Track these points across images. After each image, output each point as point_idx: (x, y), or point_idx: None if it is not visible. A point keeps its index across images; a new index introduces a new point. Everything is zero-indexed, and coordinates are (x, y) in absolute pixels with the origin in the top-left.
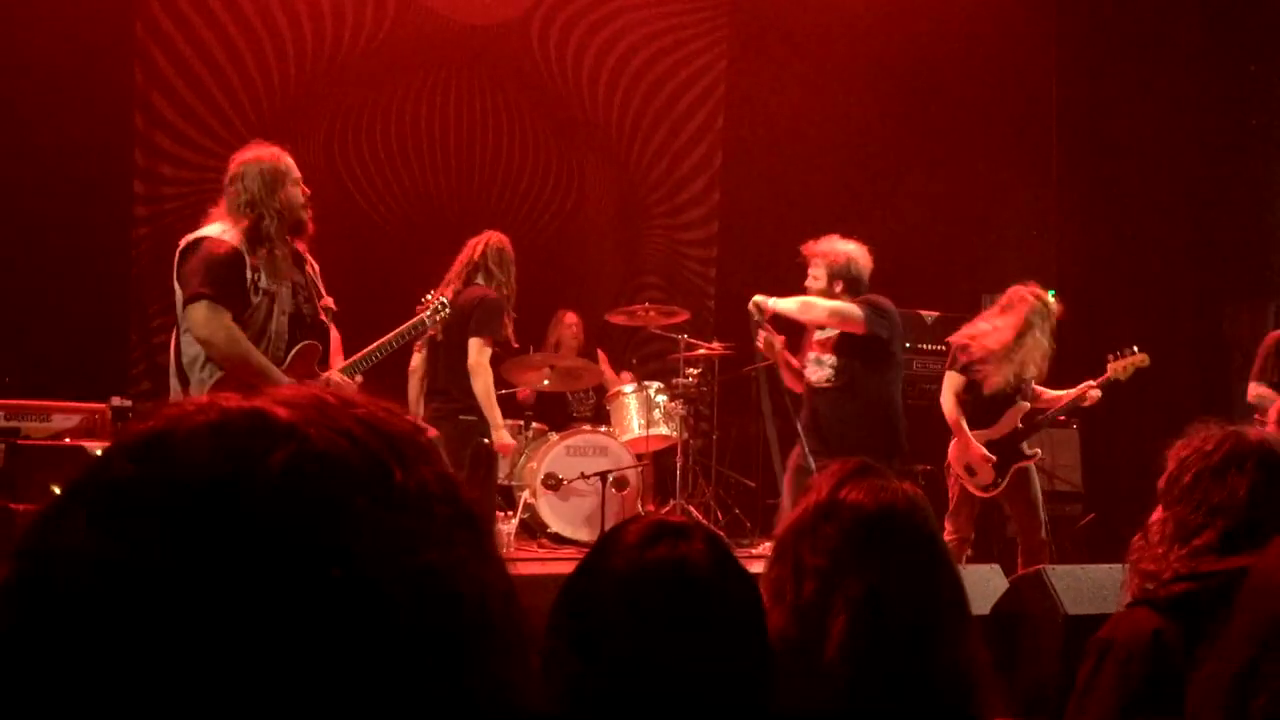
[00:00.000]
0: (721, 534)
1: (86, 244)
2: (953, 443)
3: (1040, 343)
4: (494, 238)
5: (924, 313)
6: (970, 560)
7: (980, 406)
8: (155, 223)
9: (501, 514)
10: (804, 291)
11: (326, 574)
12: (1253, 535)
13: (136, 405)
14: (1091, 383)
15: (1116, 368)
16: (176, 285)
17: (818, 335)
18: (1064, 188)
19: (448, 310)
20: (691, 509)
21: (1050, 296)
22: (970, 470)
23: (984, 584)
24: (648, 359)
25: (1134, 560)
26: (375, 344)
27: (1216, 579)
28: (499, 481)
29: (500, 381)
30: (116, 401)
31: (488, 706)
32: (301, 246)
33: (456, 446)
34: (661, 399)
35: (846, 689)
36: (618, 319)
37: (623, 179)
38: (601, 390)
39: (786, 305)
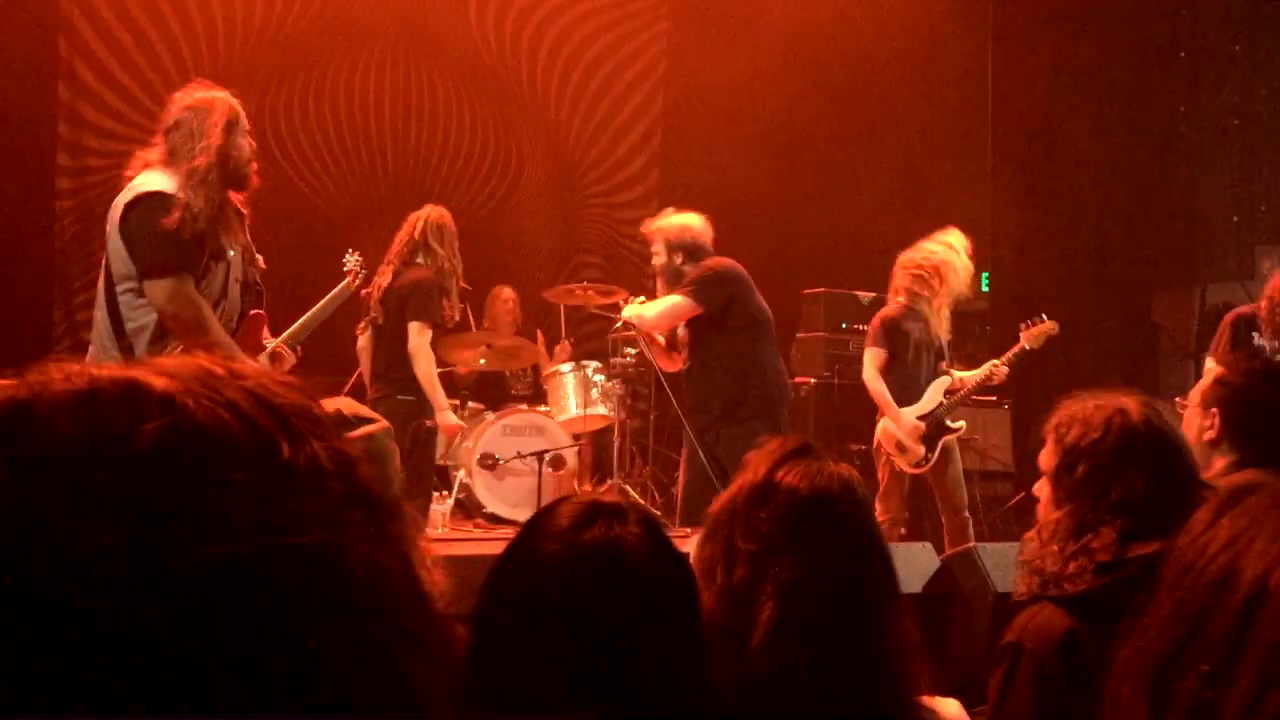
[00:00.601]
0: (657, 514)
1: (7, 218)
2: (881, 423)
3: (954, 285)
4: (433, 213)
5: (860, 294)
6: (902, 539)
7: (904, 383)
8: (80, 195)
9: (437, 494)
10: (653, 271)
11: (201, 553)
12: (1153, 521)
13: None
14: (996, 361)
15: (1028, 336)
16: (120, 245)
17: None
18: (998, 175)
19: (362, 270)
20: (629, 489)
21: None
22: (901, 448)
23: (915, 562)
24: (586, 339)
25: (1029, 560)
26: (308, 314)
27: (1127, 569)
28: (436, 461)
29: (437, 360)
30: None
31: (375, 696)
32: (240, 203)
33: (396, 428)
34: (599, 379)
35: (771, 674)
36: (556, 297)
37: (561, 157)
38: (539, 369)
39: (629, 314)
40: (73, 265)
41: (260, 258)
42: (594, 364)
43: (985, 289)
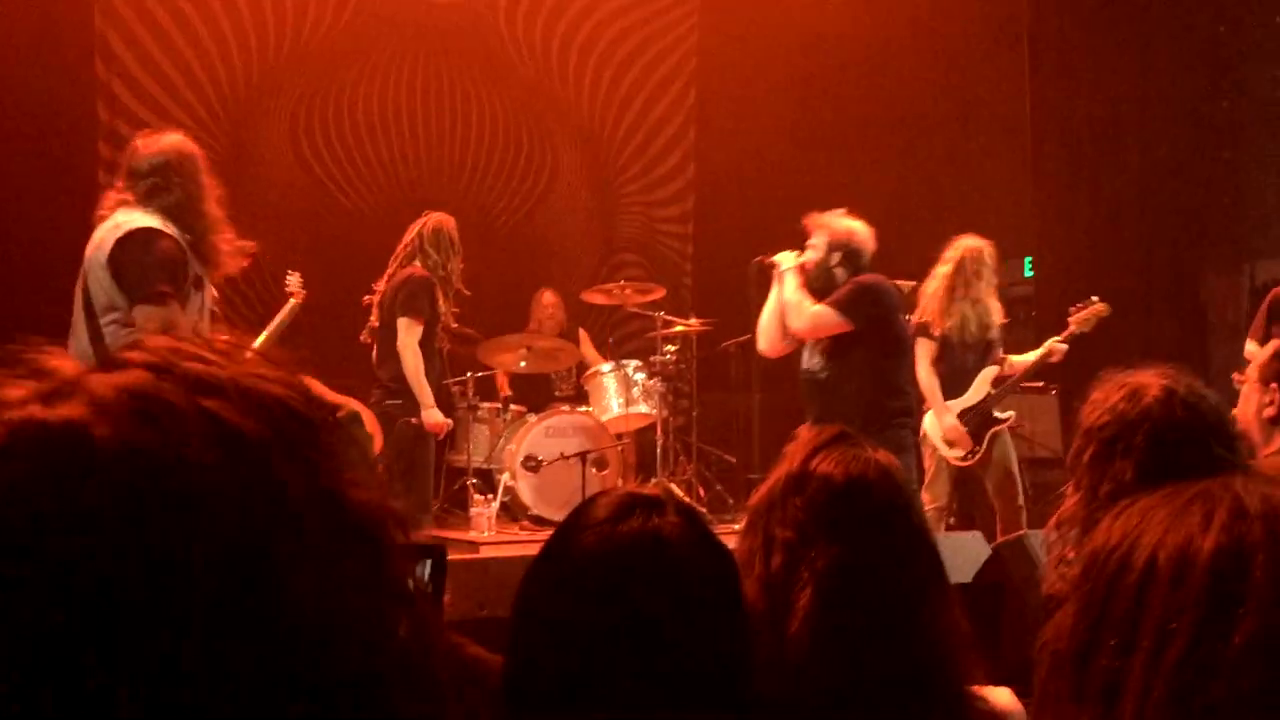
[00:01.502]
0: (704, 510)
1: (50, 236)
2: (928, 413)
3: (983, 285)
4: (433, 219)
5: (900, 283)
6: (951, 529)
7: (953, 375)
8: None
9: (481, 497)
10: (802, 257)
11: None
12: None
13: None
14: (1055, 339)
15: (1078, 319)
16: (105, 277)
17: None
18: (1039, 156)
19: (302, 289)
20: (673, 486)
21: (985, 245)
22: (947, 441)
23: (965, 552)
24: (626, 338)
25: (1055, 556)
26: (261, 337)
27: None
28: (478, 465)
29: (477, 364)
30: None
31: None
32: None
33: (387, 431)
34: (640, 377)
35: (810, 662)
36: (594, 298)
37: (596, 156)
38: (582, 370)
39: (786, 290)
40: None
41: (214, 291)
42: (634, 362)
43: (1029, 274)
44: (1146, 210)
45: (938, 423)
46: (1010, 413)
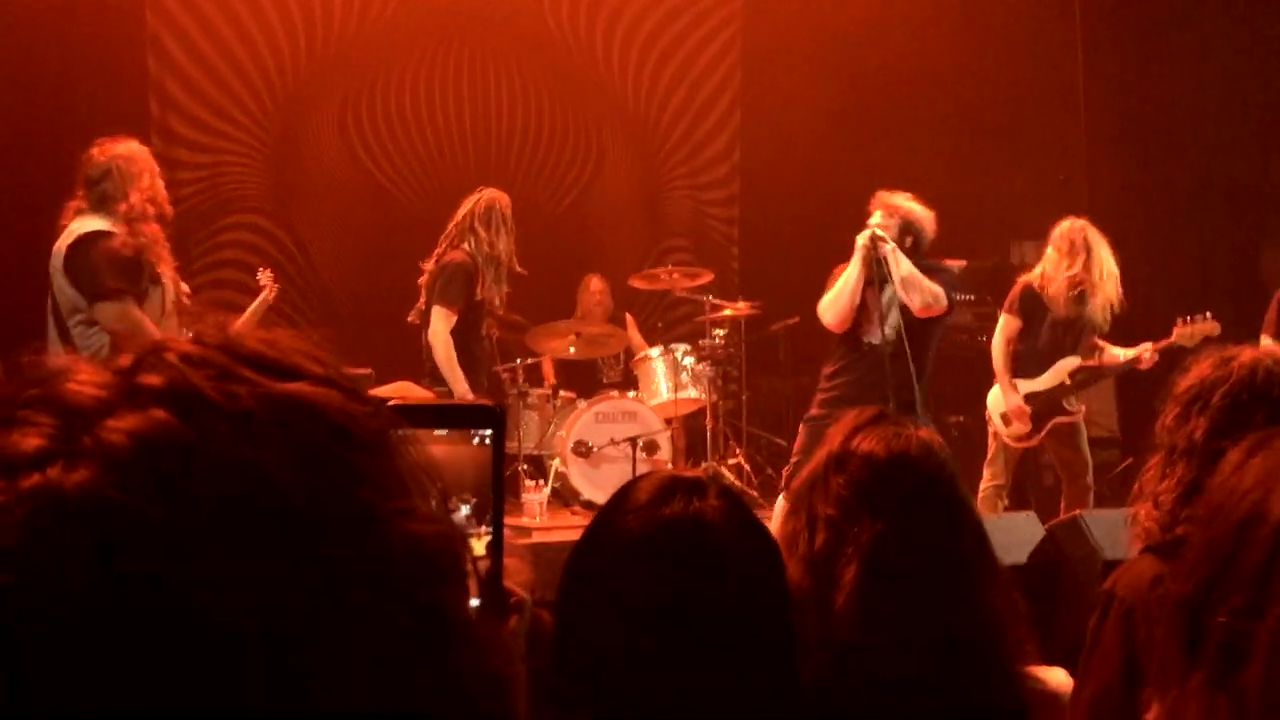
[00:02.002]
0: (755, 494)
1: None
2: (993, 389)
3: (1078, 267)
4: (485, 196)
5: (951, 263)
6: (1007, 509)
7: (1030, 356)
8: (174, 207)
9: (533, 483)
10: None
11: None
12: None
13: None
14: (1150, 345)
15: (1184, 333)
16: (65, 283)
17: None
18: (1093, 131)
19: (275, 284)
20: (724, 470)
21: (1081, 226)
22: (1005, 419)
23: (1019, 532)
24: (674, 322)
25: (1134, 511)
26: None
27: None
28: (529, 451)
29: (526, 351)
30: None
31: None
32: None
33: None
34: (689, 361)
35: (857, 637)
36: (642, 283)
37: (642, 141)
38: (630, 355)
39: (905, 266)
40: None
41: (185, 286)
42: (683, 346)
43: None
44: (1204, 188)
45: (1001, 399)
46: (1080, 407)
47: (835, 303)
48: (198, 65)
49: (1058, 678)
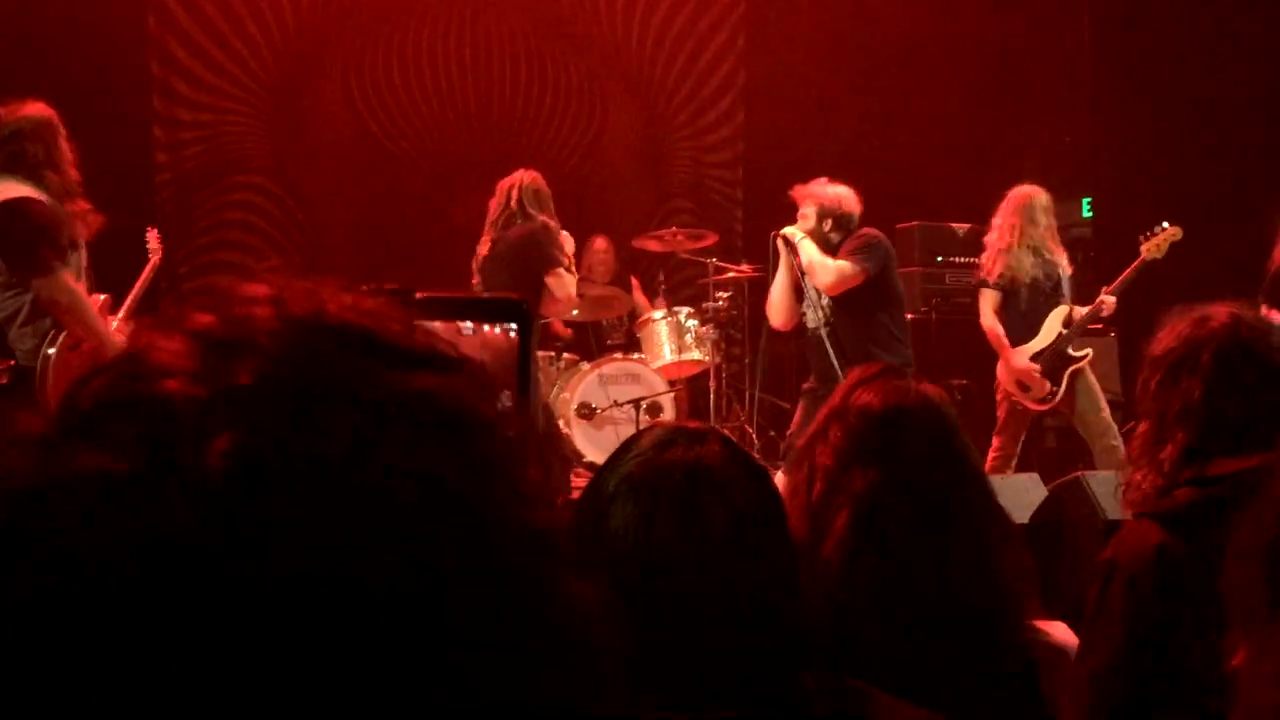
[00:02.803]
0: (757, 456)
1: (109, 192)
2: (1000, 360)
3: (1040, 231)
4: (526, 177)
5: (955, 226)
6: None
7: (1022, 319)
8: (177, 168)
9: None
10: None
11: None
12: (1218, 441)
13: None
14: (1104, 291)
15: (1150, 247)
16: None
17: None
18: (1097, 91)
19: (160, 246)
20: (726, 432)
21: (1037, 192)
22: (1023, 386)
23: (1023, 493)
24: (679, 284)
25: (1127, 480)
26: (131, 295)
27: (1220, 486)
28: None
29: None
30: None
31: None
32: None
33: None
34: (692, 324)
35: (841, 584)
36: (646, 244)
37: (646, 102)
38: (634, 318)
39: (806, 253)
40: (174, 235)
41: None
42: (686, 309)
43: (1088, 215)
44: (1210, 145)
45: (1008, 368)
46: (1087, 350)
47: (769, 306)
48: (199, 23)
49: (1061, 632)
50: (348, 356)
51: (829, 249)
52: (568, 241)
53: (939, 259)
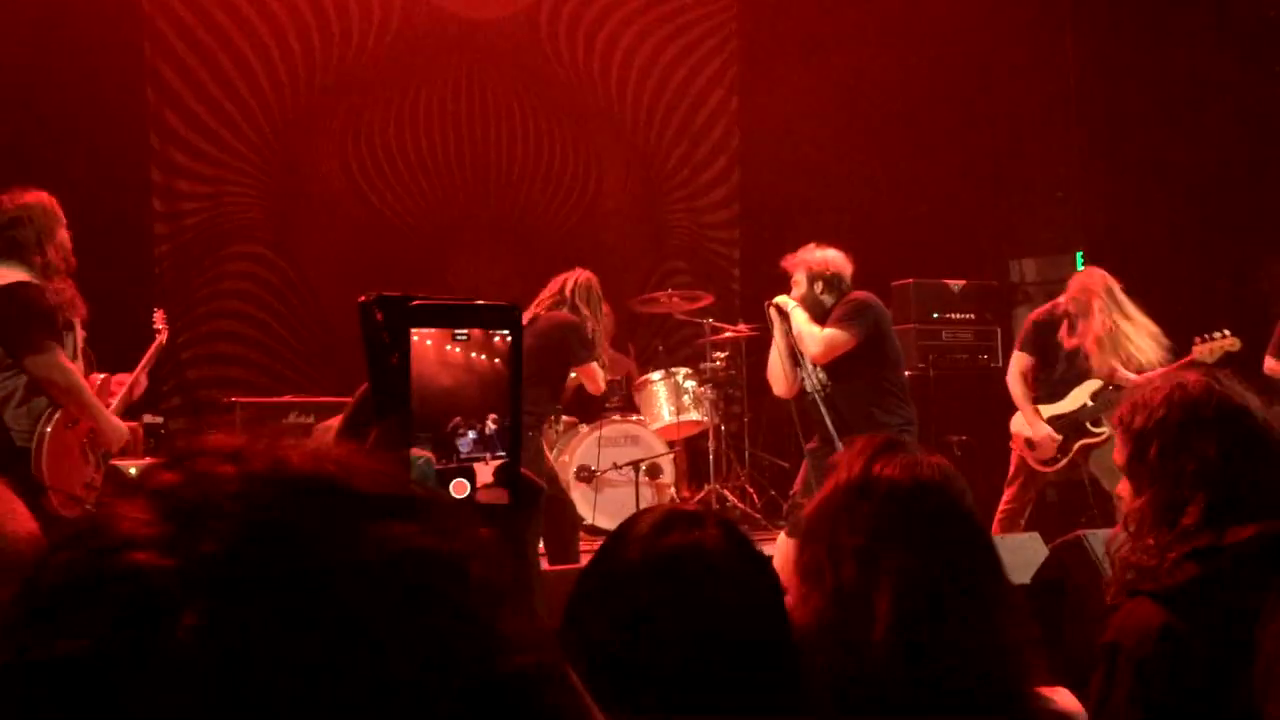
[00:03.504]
0: (758, 515)
1: (109, 264)
2: (1016, 413)
3: (1128, 326)
4: (583, 275)
5: (950, 282)
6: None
7: (1052, 385)
8: (176, 239)
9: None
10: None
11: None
12: (1240, 493)
13: (168, 422)
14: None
15: (1203, 351)
16: None
17: None
18: (1088, 147)
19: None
20: (727, 493)
21: (1097, 276)
22: (1030, 444)
23: (1023, 552)
24: (676, 345)
25: (1122, 556)
26: (130, 380)
27: (1222, 558)
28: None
29: None
30: (148, 419)
31: None
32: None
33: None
34: (690, 384)
35: (897, 667)
36: (643, 307)
37: (642, 165)
38: (630, 382)
39: (796, 322)
40: (173, 306)
41: (81, 331)
42: (684, 370)
43: (1080, 268)
44: (1201, 200)
45: (1029, 426)
46: (1105, 430)
47: (770, 375)
48: (197, 97)
49: (1065, 698)
50: (313, 513)
51: (824, 311)
52: (608, 320)
53: (934, 315)
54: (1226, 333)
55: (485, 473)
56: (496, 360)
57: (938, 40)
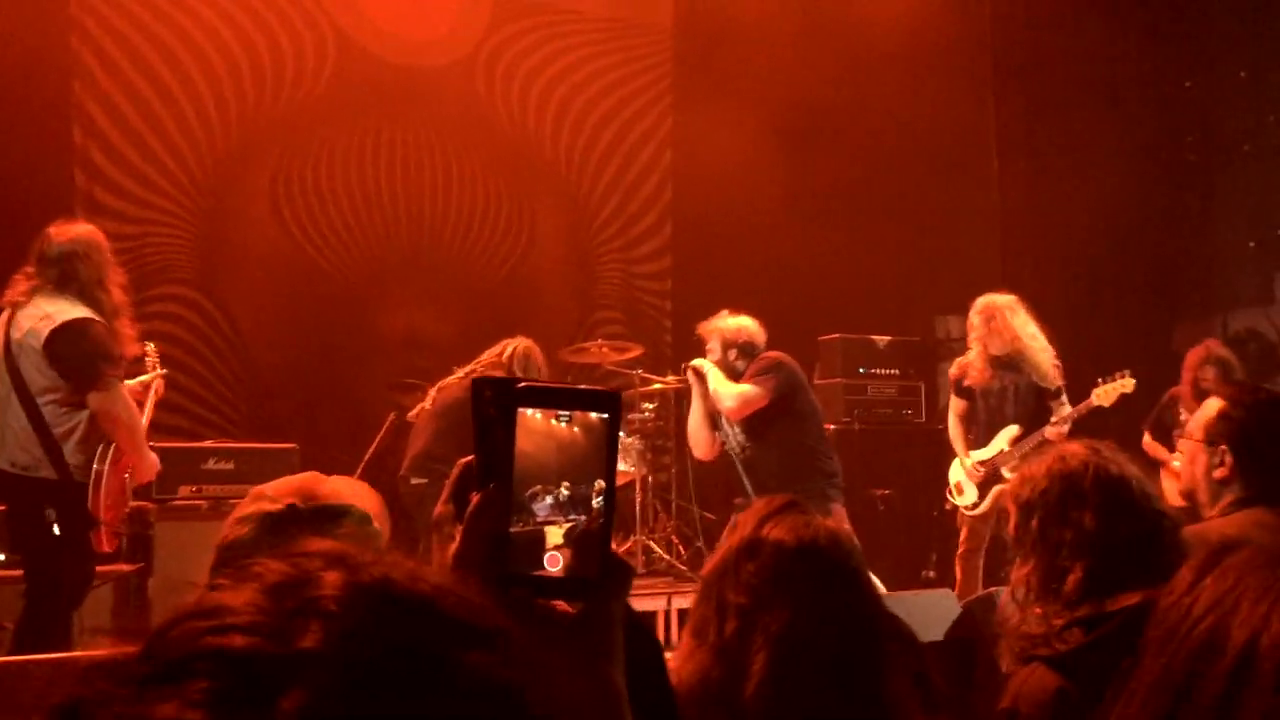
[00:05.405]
0: (684, 568)
1: None
2: (954, 461)
3: (1007, 339)
4: (522, 344)
5: (876, 338)
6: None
7: (980, 429)
8: None
9: None
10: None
11: None
12: (1119, 560)
13: None
14: (1048, 430)
15: (1100, 394)
16: (42, 363)
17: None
18: (1008, 207)
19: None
20: (652, 544)
21: (1006, 301)
22: (959, 489)
23: (936, 609)
24: None
25: (1013, 625)
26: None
27: (1110, 623)
28: None
29: None
30: None
31: None
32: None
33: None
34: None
35: None
36: (572, 356)
37: (575, 216)
38: None
39: (712, 382)
40: None
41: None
42: None
43: None
44: (1117, 261)
45: (960, 466)
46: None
47: (690, 437)
48: (124, 136)
49: None
50: (407, 631)
51: (737, 376)
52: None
53: (860, 370)
54: (1126, 373)
55: (556, 535)
56: (575, 429)
57: (866, 105)
